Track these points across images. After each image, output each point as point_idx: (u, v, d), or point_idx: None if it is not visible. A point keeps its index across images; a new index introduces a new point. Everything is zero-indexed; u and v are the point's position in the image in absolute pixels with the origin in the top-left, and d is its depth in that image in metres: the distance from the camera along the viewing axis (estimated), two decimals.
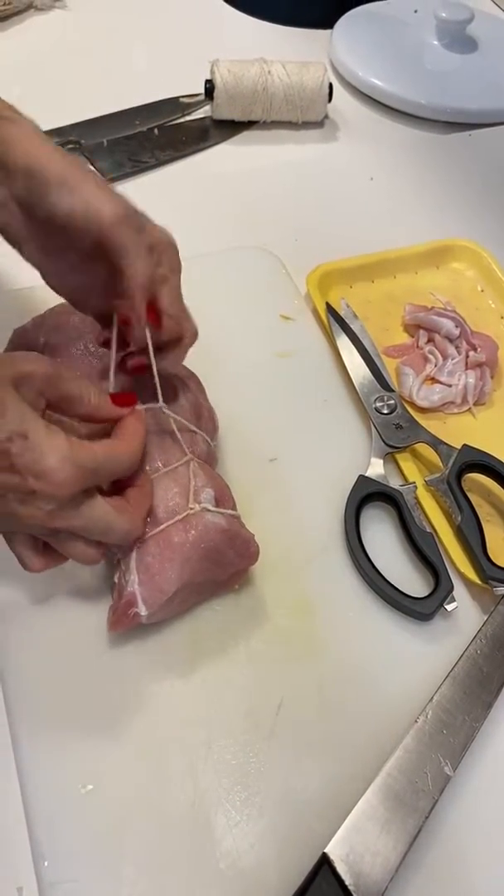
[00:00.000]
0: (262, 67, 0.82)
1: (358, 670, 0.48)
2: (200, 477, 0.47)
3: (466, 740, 0.44)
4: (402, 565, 0.53)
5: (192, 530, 0.45)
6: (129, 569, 0.45)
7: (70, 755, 0.44)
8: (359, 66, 0.90)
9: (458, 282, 0.72)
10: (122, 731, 0.45)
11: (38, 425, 0.39)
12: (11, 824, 0.42)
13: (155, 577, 0.44)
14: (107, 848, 0.42)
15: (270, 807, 0.43)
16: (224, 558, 0.47)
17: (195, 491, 0.46)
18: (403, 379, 0.62)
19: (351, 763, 0.45)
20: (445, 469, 0.55)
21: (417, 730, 0.44)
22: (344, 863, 0.40)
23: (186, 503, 0.46)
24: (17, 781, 0.43)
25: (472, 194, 0.81)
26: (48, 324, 0.54)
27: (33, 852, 0.41)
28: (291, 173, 0.80)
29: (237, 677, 0.47)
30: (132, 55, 0.92)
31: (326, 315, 0.63)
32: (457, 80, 0.90)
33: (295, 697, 0.47)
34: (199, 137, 0.83)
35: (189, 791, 0.43)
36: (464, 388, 0.62)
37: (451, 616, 0.50)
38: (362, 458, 0.56)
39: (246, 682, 0.47)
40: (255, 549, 0.48)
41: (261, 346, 0.63)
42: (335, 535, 0.53)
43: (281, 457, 0.57)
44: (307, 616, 0.50)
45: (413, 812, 0.42)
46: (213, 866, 0.41)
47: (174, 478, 0.46)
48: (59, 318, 0.54)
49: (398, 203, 0.79)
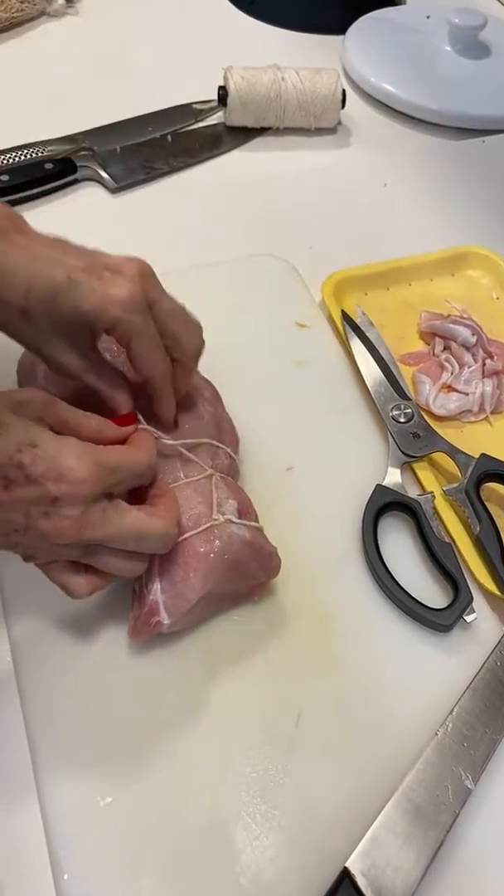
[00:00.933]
0: (276, 74, 0.82)
1: (377, 682, 0.48)
2: (223, 489, 0.47)
3: (487, 753, 0.44)
4: (421, 576, 0.52)
5: (217, 540, 0.45)
6: (152, 577, 0.45)
7: (89, 767, 0.44)
8: (371, 73, 0.90)
9: (473, 289, 0.71)
10: (140, 744, 0.45)
11: (45, 434, 0.38)
12: (30, 838, 0.41)
13: (178, 584, 0.44)
14: (126, 861, 0.41)
15: (290, 820, 0.43)
16: (247, 570, 0.46)
17: (218, 502, 0.46)
18: (420, 387, 0.62)
19: (371, 775, 0.45)
20: (464, 478, 0.55)
21: (438, 742, 0.44)
22: (365, 877, 0.39)
23: (210, 513, 0.45)
24: (37, 794, 0.43)
25: (487, 201, 0.80)
26: None
27: (52, 865, 0.41)
28: (305, 180, 0.80)
29: (256, 688, 0.47)
30: (145, 62, 0.91)
31: (342, 323, 0.63)
32: (470, 86, 0.90)
33: (314, 709, 0.47)
34: (212, 144, 0.83)
35: (208, 803, 0.43)
36: (481, 396, 0.61)
37: (471, 627, 0.50)
38: (379, 468, 0.56)
39: (265, 693, 0.47)
40: (278, 562, 0.48)
41: (276, 355, 0.63)
42: (353, 545, 0.53)
43: (297, 466, 0.57)
44: (325, 627, 0.50)
45: (434, 826, 0.42)
46: (233, 880, 0.41)
47: (196, 489, 0.46)
48: None
49: (412, 210, 0.78)
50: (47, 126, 0.79)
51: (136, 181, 0.77)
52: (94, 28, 0.97)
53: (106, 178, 0.76)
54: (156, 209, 0.75)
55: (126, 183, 0.77)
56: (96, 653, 0.47)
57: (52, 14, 0.96)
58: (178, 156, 0.81)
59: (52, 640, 0.48)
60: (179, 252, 0.70)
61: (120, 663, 0.47)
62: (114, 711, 0.46)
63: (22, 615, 0.49)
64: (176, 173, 0.79)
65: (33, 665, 0.47)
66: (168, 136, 0.82)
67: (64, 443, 0.38)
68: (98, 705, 0.46)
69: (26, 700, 0.45)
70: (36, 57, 0.91)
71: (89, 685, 0.46)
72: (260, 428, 0.58)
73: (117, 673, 0.47)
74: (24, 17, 0.94)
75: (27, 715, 0.45)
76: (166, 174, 0.79)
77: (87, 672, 0.47)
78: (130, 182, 0.77)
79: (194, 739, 0.45)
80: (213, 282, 0.67)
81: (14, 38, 0.93)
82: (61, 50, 0.92)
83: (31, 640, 0.48)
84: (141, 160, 0.79)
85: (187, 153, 0.81)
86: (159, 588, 0.44)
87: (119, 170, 0.77)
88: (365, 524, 0.52)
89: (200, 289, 0.66)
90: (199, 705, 0.46)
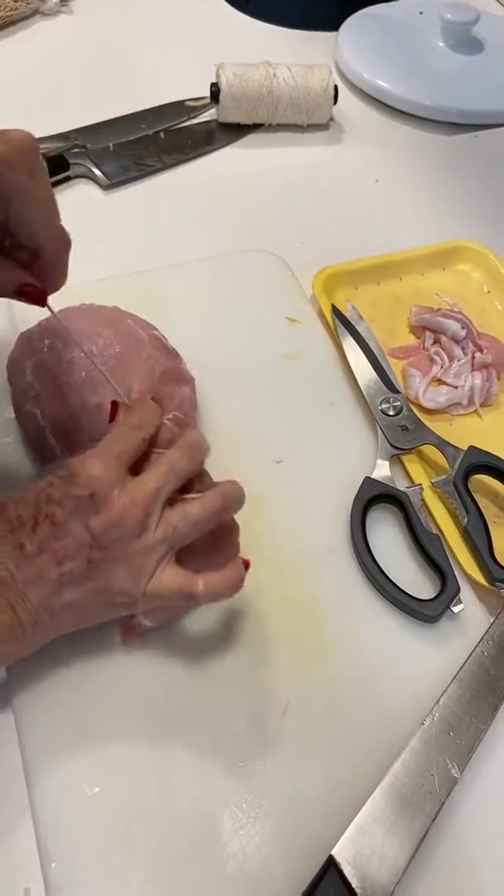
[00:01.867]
0: (268, 70, 0.82)
1: (364, 673, 0.48)
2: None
3: (473, 743, 0.44)
4: (409, 567, 0.52)
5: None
6: None
7: (77, 757, 0.44)
8: (364, 69, 0.90)
9: (464, 283, 0.72)
10: (129, 734, 0.45)
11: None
12: (18, 826, 0.42)
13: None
14: (114, 850, 0.42)
15: (277, 809, 0.43)
16: (210, 539, 0.45)
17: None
18: (409, 380, 0.62)
19: (357, 765, 0.45)
20: (452, 471, 0.55)
21: (424, 732, 0.44)
22: (350, 865, 0.40)
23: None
24: (25, 783, 0.43)
25: (479, 195, 0.80)
26: (53, 327, 0.54)
27: (40, 854, 0.41)
28: (297, 176, 0.80)
29: (243, 680, 0.47)
30: (137, 59, 0.92)
31: (332, 317, 0.63)
32: (462, 82, 0.90)
33: (301, 700, 0.47)
34: (204, 141, 0.83)
35: (196, 793, 0.43)
36: (470, 389, 0.62)
37: (458, 618, 0.50)
38: (368, 461, 0.56)
39: (252, 684, 0.47)
40: (233, 523, 0.46)
41: (267, 349, 0.63)
42: (341, 537, 0.53)
43: (287, 459, 0.57)
44: (313, 618, 0.50)
45: (420, 814, 0.42)
46: (220, 869, 0.41)
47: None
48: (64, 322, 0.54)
49: (404, 205, 0.79)
50: (40, 124, 0.77)
51: (129, 178, 0.77)
52: (87, 26, 0.97)
53: (99, 175, 0.77)
54: (148, 206, 0.76)
55: (119, 180, 0.77)
56: (86, 644, 0.47)
57: (45, 13, 0.96)
58: (171, 153, 0.81)
59: None
60: (172, 248, 0.70)
61: (109, 655, 0.47)
62: (102, 702, 0.46)
63: None
64: (169, 170, 0.80)
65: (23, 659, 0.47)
66: (161, 134, 0.83)
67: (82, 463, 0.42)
68: (87, 696, 0.46)
69: (16, 690, 0.46)
70: (29, 55, 0.91)
71: (79, 676, 0.47)
72: (250, 422, 0.58)
73: (106, 664, 0.47)
74: (19, 15, 0.94)
75: (16, 705, 0.45)
76: (159, 171, 0.79)
77: (76, 663, 0.47)
78: (123, 179, 0.77)
79: (182, 730, 0.45)
80: (204, 277, 0.67)
81: (8, 36, 0.93)
82: (55, 48, 0.93)
83: None
84: (134, 157, 0.79)
85: (180, 150, 0.81)
86: None
87: (112, 167, 0.78)
88: (353, 516, 0.53)
89: (192, 284, 0.67)
90: (187, 696, 0.46)
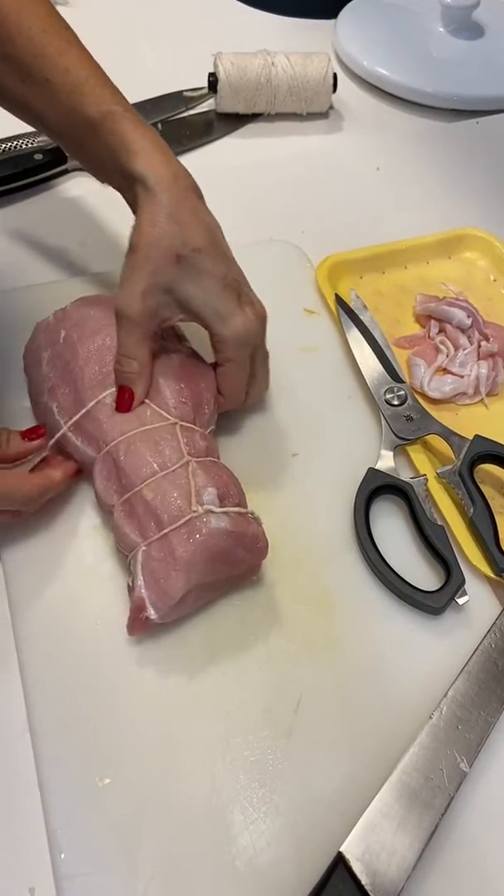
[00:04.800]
0: (266, 59, 0.81)
1: (372, 666, 0.48)
2: (201, 477, 0.46)
3: (482, 736, 0.44)
4: (414, 559, 0.52)
5: (197, 534, 0.44)
6: (136, 573, 0.44)
7: (88, 749, 0.44)
8: (363, 56, 0.89)
9: (470, 272, 0.71)
10: (140, 726, 0.45)
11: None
12: (29, 817, 0.42)
13: (160, 581, 0.44)
14: (123, 842, 0.42)
15: (287, 804, 0.43)
16: (233, 557, 0.46)
17: (196, 492, 0.45)
18: (414, 370, 0.62)
19: (367, 760, 0.44)
20: (457, 460, 0.54)
21: (432, 726, 0.44)
22: (360, 862, 0.39)
23: (189, 506, 0.45)
24: (36, 775, 0.43)
25: (483, 182, 0.80)
26: (69, 318, 0.54)
27: (50, 845, 0.41)
28: (297, 165, 0.79)
29: (255, 673, 0.47)
30: (135, 50, 0.91)
31: (335, 306, 0.63)
32: (463, 67, 0.89)
33: (312, 694, 0.46)
34: (203, 131, 0.82)
35: (206, 787, 0.43)
36: (476, 378, 0.61)
37: (464, 610, 0.50)
38: (377, 452, 0.56)
39: (264, 678, 0.47)
40: (264, 543, 0.47)
41: (285, 341, 0.62)
42: (347, 529, 0.53)
43: (302, 452, 0.57)
44: (323, 611, 0.49)
45: (429, 809, 0.41)
46: (230, 863, 0.41)
47: (172, 480, 0.46)
48: (80, 312, 0.54)
49: (406, 193, 0.78)
50: None
51: None
52: (83, 18, 0.95)
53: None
54: None
55: None
56: (98, 637, 0.48)
57: None
58: (170, 144, 0.79)
59: (55, 624, 0.48)
60: None
61: (121, 647, 0.47)
62: (114, 694, 0.46)
63: (25, 601, 0.49)
64: None
65: (35, 648, 0.47)
66: (159, 125, 0.82)
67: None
68: (99, 689, 0.46)
69: (27, 681, 0.46)
70: None
71: (91, 669, 0.46)
72: (267, 414, 0.58)
73: (119, 657, 0.47)
74: None
75: (28, 696, 0.45)
76: None
77: (88, 655, 0.47)
78: None
79: (194, 723, 0.45)
80: None
81: None
82: None
83: (34, 624, 0.48)
84: None
85: (178, 141, 0.80)
86: (143, 584, 0.44)
87: None
88: (356, 508, 0.52)
89: None
90: (199, 690, 0.46)
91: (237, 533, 0.45)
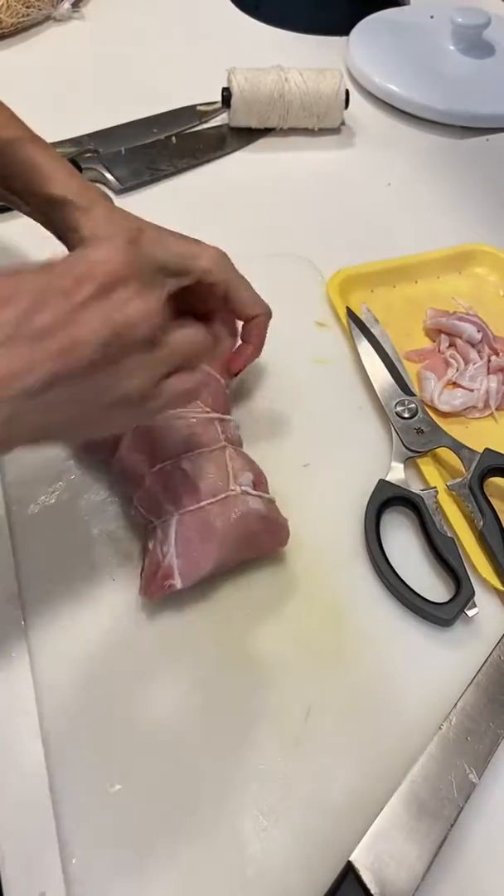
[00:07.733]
0: (279, 75, 0.82)
1: (382, 677, 0.48)
2: (237, 461, 0.48)
3: (491, 747, 0.44)
4: (424, 571, 0.52)
5: (234, 511, 0.46)
6: (168, 540, 0.45)
7: (99, 755, 0.44)
8: (375, 73, 0.90)
9: (480, 287, 0.71)
10: (150, 733, 0.45)
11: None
12: (40, 823, 0.42)
13: (193, 553, 0.45)
14: (133, 848, 0.42)
15: (297, 813, 0.43)
16: (258, 540, 0.48)
17: (234, 473, 0.47)
18: (425, 383, 0.62)
19: (376, 770, 0.45)
20: (467, 473, 0.54)
21: (441, 737, 0.44)
22: (369, 871, 0.39)
23: (227, 485, 0.46)
24: (47, 780, 0.43)
25: (492, 199, 0.80)
26: None
27: (61, 850, 0.41)
28: (309, 179, 0.80)
29: (266, 682, 0.47)
30: (149, 64, 0.92)
31: (346, 320, 0.63)
32: (473, 85, 0.90)
33: (322, 703, 0.47)
34: (216, 145, 0.83)
35: (217, 794, 0.43)
36: (486, 392, 0.61)
37: (473, 622, 0.50)
38: (388, 464, 0.56)
39: (274, 686, 0.47)
40: (287, 533, 0.49)
41: (297, 353, 0.64)
42: (358, 540, 0.53)
43: (314, 463, 0.57)
44: (333, 621, 0.50)
45: (438, 820, 0.41)
46: (240, 871, 0.41)
47: (212, 459, 0.47)
48: None
49: (416, 209, 0.79)
50: (52, 128, 0.78)
51: (141, 183, 0.78)
52: (99, 32, 0.97)
53: (111, 179, 0.77)
54: (160, 211, 0.74)
55: (131, 184, 0.77)
56: (109, 644, 0.48)
57: (57, 18, 0.97)
58: (183, 157, 0.81)
59: (67, 631, 0.48)
60: None
61: (133, 654, 0.48)
62: (125, 701, 0.46)
63: (36, 596, 0.49)
64: (180, 175, 0.80)
65: (46, 652, 0.47)
66: (172, 138, 0.83)
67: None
68: (110, 696, 0.46)
69: (38, 687, 0.46)
70: (42, 61, 0.92)
71: (101, 675, 0.47)
72: (279, 426, 0.59)
73: (129, 663, 0.47)
74: (31, 21, 0.95)
75: (39, 702, 0.46)
76: (171, 176, 0.79)
77: (98, 661, 0.47)
78: (135, 184, 0.77)
79: (204, 731, 0.45)
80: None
81: (20, 42, 0.94)
82: (67, 54, 0.93)
83: (46, 625, 0.48)
84: (146, 162, 0.80)
85: (192, 154, 0.81)
86: (174, 552, 0.45)
87: (124, 172, 0.78)
88: (367, 519, 0.52)
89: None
90: (209, 698, 0.47)
91: (269, 518, 0.47)
